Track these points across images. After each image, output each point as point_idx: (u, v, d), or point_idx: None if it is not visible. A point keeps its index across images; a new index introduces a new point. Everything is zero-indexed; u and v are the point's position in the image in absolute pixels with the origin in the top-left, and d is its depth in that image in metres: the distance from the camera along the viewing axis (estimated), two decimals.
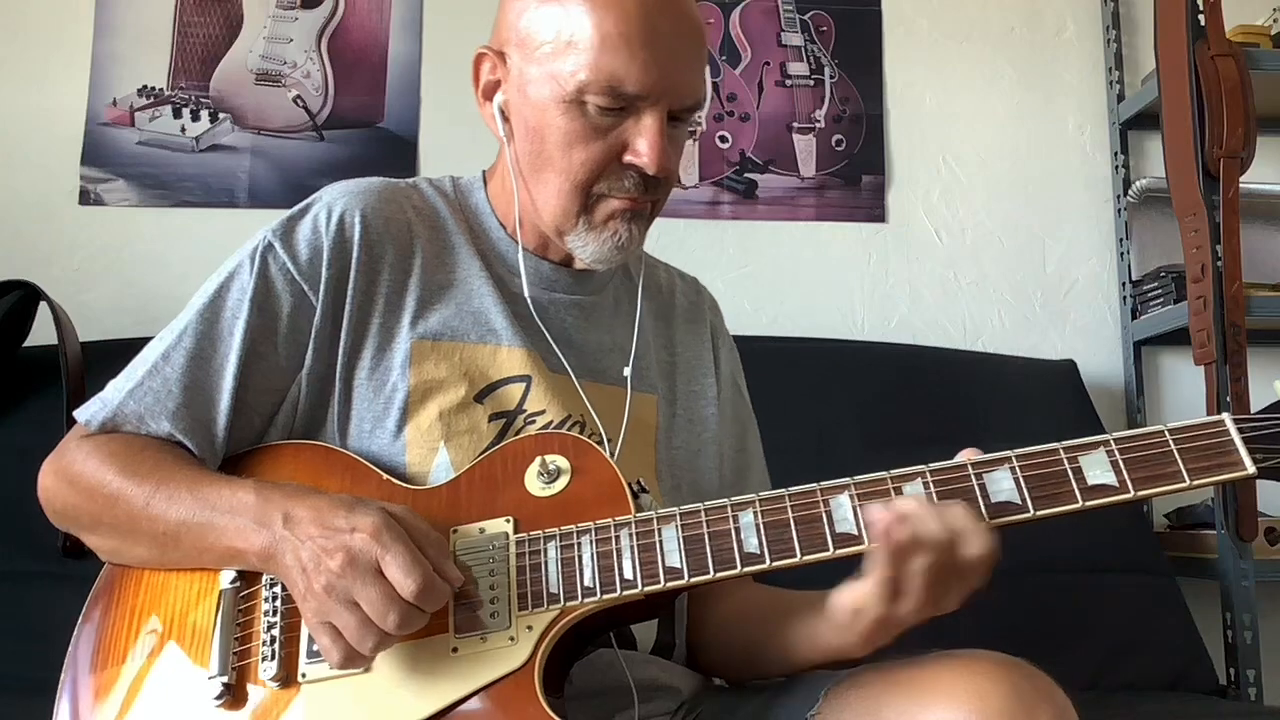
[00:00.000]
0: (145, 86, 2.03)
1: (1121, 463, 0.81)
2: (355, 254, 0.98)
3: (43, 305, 1.68)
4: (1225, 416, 0.81)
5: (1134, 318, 2.10)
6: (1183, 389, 2.12)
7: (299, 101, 2.06)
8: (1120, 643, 1.67)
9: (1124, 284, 2.13)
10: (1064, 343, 2.13)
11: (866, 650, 0.87)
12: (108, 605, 0.94)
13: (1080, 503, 0.80)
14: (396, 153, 2.06)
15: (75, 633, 0.93)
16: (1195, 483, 0.80)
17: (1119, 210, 2.16)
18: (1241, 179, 1.82)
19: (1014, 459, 0.83)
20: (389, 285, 0.99)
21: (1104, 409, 2.00)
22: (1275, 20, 2.04)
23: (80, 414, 0.98)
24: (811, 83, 2.16)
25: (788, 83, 2.16)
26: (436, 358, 0.98)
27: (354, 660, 0.81)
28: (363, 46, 2.10)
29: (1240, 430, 0.80)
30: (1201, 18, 1.86)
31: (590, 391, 1.02)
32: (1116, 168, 2.16)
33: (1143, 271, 2.11)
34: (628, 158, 0.94)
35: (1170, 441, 0.81)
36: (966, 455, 0.84)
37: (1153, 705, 1.54)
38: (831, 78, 2.17)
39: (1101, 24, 2.22)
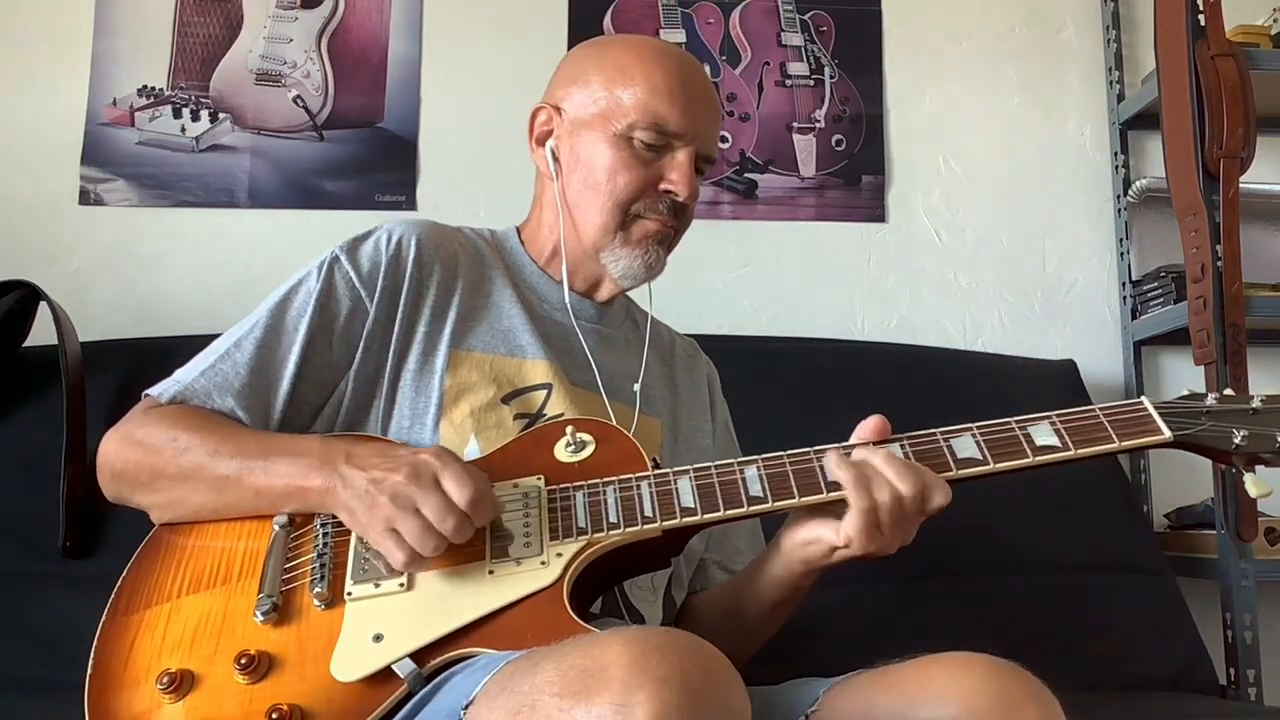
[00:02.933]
0: (145, 86, 2.03)
1: (1063, 429, 0.97)
2: (409, 271, 1.13)
3: (43, 305, 1.68)
4: (1144, 399, 1.00)
5: (1134, 318, 2.10)
6: (1183, 389, 2.10)
7: (299, 101, 2.06)
8: (1120, 643, 1.67)
9: (1124, 284, 2.13)
10: (1064, 343, 2.13)
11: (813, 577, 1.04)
12: (154, 559, 1.00)
13: (1031, 458, 0.95)
14: (396, 153, 2.06)
15: (117, 586, 0.98)
16: (1124, 444, 0.96)
17: (1119, 210, 2.16)
18: (1241, 179, 1.82)
19: (974, 429, 0.98)
20: (434, 301, 1.14)
21: None
22: (1275, 20, 2.04)
23: (151, 390, 1.08)
24: (811, 83, 2.16)
25: (788, 83, 2.16)
26: (470, 365, 1.11)
27: (416, 562, 0.91)
28: (363, 46, 2.10)
29: (1157, 409, 0.98)
30: (1201, 18, 1.86)
31: (604, 406, 1.14)
32: (1116, 168, 2.17)
33: (1143, 271, 2.11)
34: (663, 186, 1.14)
35: (1101, 415, 0.98)
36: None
37: (1153, 705, 1.54)
38: (831, 78, 2.17)
39: (1101, 24, 2.22)
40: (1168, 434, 0.97)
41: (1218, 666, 1.73)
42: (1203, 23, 1.86)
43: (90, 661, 0.92)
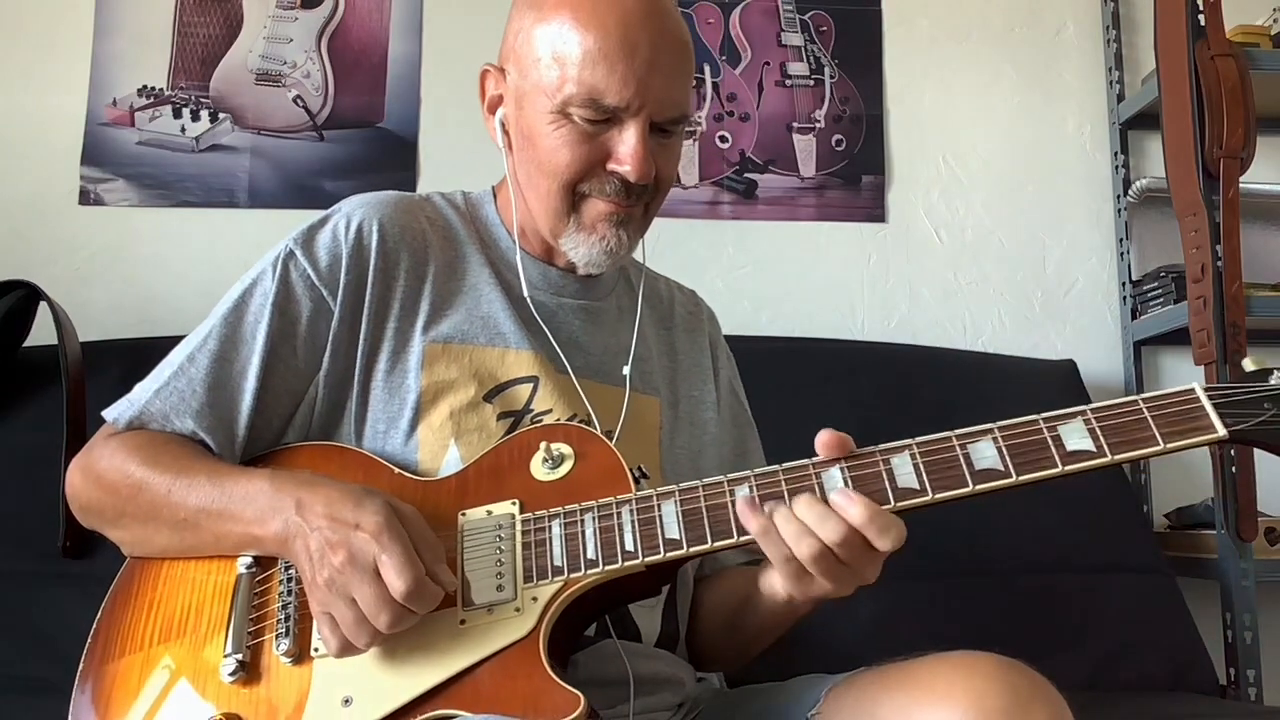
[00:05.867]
0: (145, 86, 2.03)
1: (1099, 430, 0.83)
2: (373, 261, 1.03)
3: (43, 305, 1.68)
4: (1195, 385, 0.84)
5: (1134, 318, 2.10)
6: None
7: (299, 101, 2.06)
8: (1120, 643, 1.67)
9: (1124, 284, 2.13)
10: (1064, 343, 2.13)
11: (809, 606, 0.94)
12: (127, 599, 0.96)
13: (1060, 467, 0.83)
14: (396, 153, 2.06)
15: (94, 625, 0.96)
16: (1169, 445, 0.82)
17: (1119, 210, 2.16)
18: (1241, 179, 1.82)
19: (996, 430, 0.86)
20: (404, 291, 1.04)
21: None
22: (1275, 20, 2.04)
23: (108, 413, 1.02)
24: (811, 83, 2.16)
25: (788, 83, 2.16)
26: (448, 360, 1.02)
27: (349, 650, 0.85)
28: (363, 46, 2.10)
29: (1210, 398, 0.83)
30: (1201, 18, 1.86)
31: (594, 391, 1.06)
32: (1116, 168, 2.16)
33: (1143, 271, 2.11)
34: (611, 165, 0.99)
35: (1144, 409, 0.84)
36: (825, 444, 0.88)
37: (1153, 705, 1.54)
38: (831, 78, 2.17)
39: (1101, 24, 2.22)
40: (1222, 432, 0.82)
41: (1218, 666, 1.73)
42: (1203, 23, 1.86)
43: (70, 715, 0.91)
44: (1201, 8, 1.86)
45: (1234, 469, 1.78)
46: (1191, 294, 1.83)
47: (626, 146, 0.98)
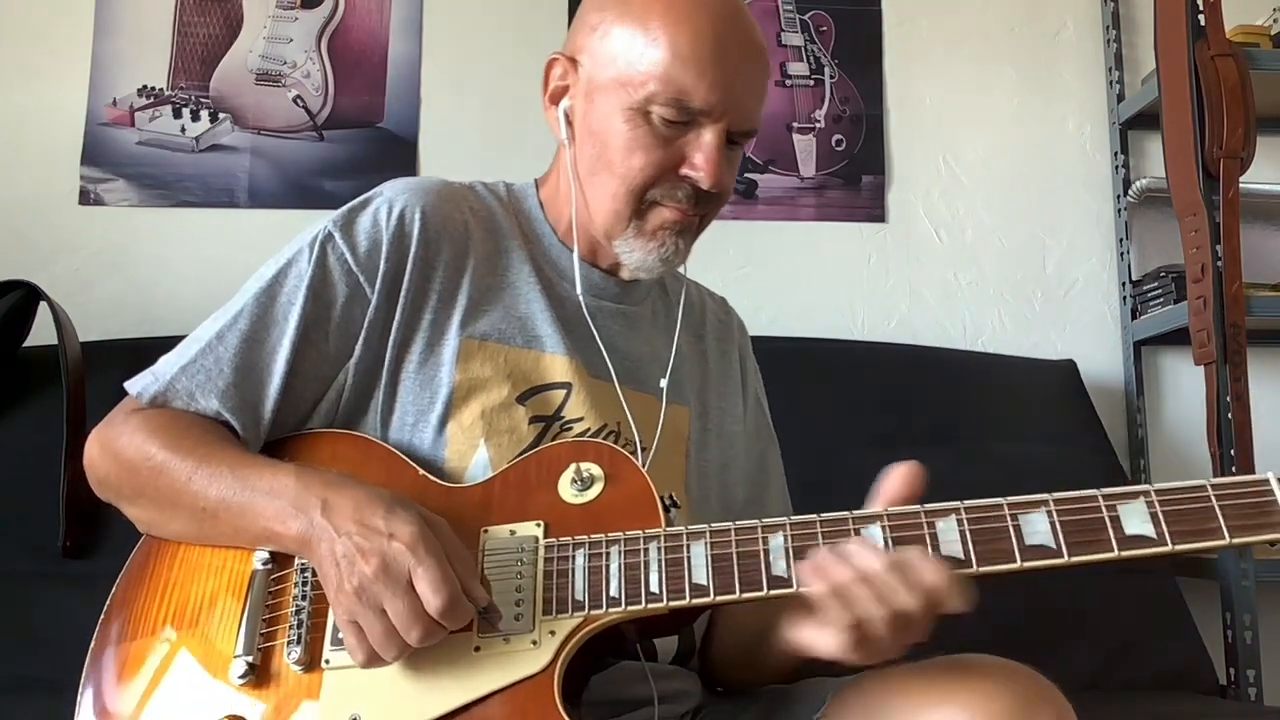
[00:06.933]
0: (145, 86, 2.03)
1: (1161, 515, 0.79)
2: (413, 249, 1.00)
3: (43, 305, 1.68)
4: (1270, 476, 0.80)
5: (1134, 318, 2.10)
6: (1183, 389, 2.12)
7: (299, 101, 2.06)
8: (1120, 643, 1.67)
9: (1124, 284, 2.13)
10: (1064, 343, 2.13)
11: None
12: (141, 578, 0.95)
13: (1116, 552, 0.79)
14: (396, 153, 2.06)
15: (109, 600, 0.95)
16: (1234, 540, 0.78)
17: (1119, 210, 2.16)
18: (1241, 179, 1.83)
19: (1051, 503, 0.81)
20: (443, 283, 1.01)
21: (1104, 409, 2.01)
22: (1275, 20, 2.04)
23: (131, 386, 0.99)
24: (811, 83, 2.16)
25: (788, 83, 2.16)
26: (483, 357, 1.00)
27: (376, 662, 0.82)
28: (363, 46, 2.10)
29: None
30: (1201, 18, 1.86)
31: (629, 399, 1.03)
32: (1116, 168, 2.16)
33: (1143, 271, 2.11)
34: (684, 170, 0.97)
35: (1212, 496, 0.79)
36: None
37: (1153, 705, 1.54)
38: (831, 78, 2.17)
39: (1101, 24, 2.22)
40: None
41: (1218, 666, 1.73)
42: (1203, 23, 1.86)
43: (79, 695, 0.90)
44: (1201, 8, 1.86)
45: (1234, 469, 1.78)
46: (1191, 294, 1.83)
47: (703, 153, 0.96)
